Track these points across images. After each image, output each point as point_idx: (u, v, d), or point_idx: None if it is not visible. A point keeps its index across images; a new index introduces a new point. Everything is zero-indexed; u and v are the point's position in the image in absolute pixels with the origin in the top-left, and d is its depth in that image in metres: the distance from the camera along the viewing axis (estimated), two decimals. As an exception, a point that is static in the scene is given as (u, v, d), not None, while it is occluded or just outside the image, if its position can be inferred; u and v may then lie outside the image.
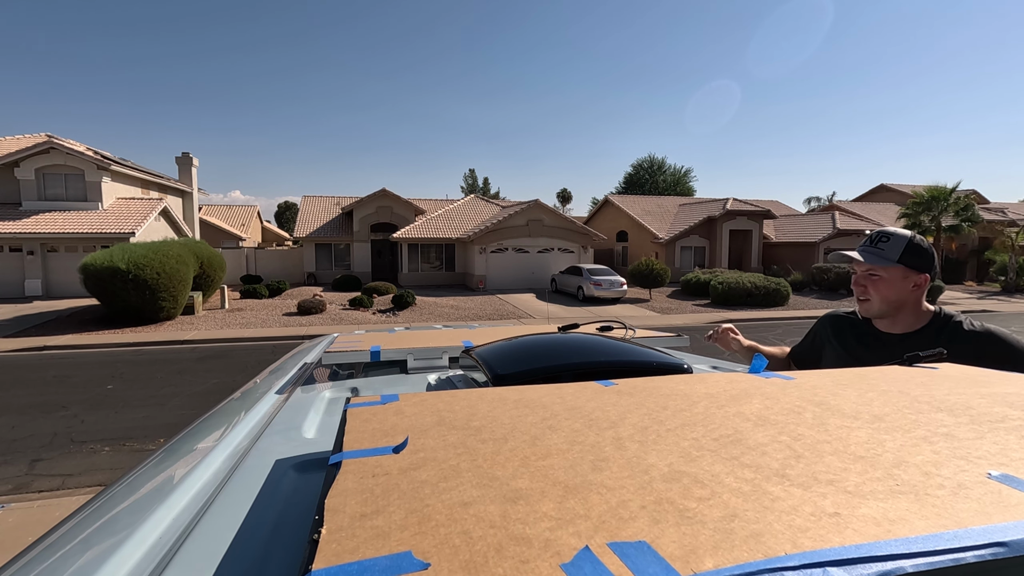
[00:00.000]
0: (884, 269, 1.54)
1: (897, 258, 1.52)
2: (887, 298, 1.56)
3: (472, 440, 0.67)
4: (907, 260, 1.52)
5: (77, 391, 7.77)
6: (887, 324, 1.61)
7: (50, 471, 4.97)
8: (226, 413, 1.34)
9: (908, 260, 1.52)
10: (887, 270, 1.54)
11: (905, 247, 1.52)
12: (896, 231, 1.57)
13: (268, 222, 47.91)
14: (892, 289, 1.55)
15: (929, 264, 1.53)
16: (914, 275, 1.53)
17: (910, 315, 1.57)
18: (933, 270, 1.55)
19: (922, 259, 1.53)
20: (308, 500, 0.73)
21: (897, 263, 1.52)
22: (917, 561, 0.39)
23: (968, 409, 0.76)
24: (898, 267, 1.52)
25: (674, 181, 53.73)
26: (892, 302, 1.56)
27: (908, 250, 1.52)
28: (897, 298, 1.55)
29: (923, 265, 1.53)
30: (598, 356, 1.28)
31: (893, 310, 1.58)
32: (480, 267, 22.91)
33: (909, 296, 1.55)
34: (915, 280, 1.53)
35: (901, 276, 1.54)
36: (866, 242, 1.60)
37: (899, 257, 1.52)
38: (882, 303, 1.57)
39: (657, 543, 0.42)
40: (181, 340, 11.83)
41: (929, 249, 1.55)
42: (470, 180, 63.33)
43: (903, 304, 1.56)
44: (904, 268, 1.52)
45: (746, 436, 0.67)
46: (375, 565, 0.39)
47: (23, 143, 19.90)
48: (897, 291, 1.55)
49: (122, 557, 0.60)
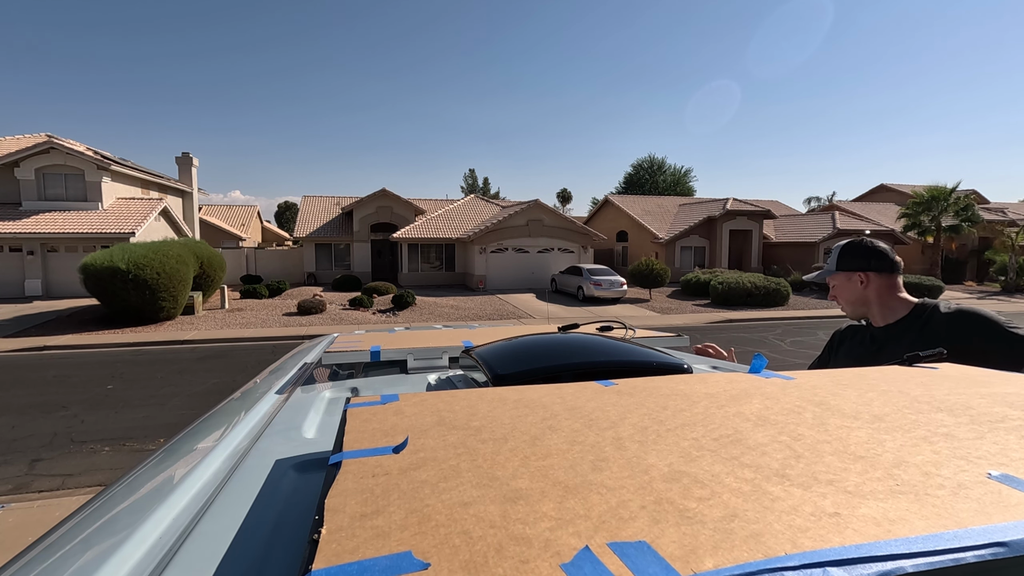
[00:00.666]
0: (832, 278, 1.76)
1: (835, 267, 1.73)
2: (848, 300, 1.74)
3: (472, 440, 0.67)
4: (842, 265, 1.71)
5: (77, 391, 7.77)
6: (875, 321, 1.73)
7: (50, 471, 4.97)
8: (226, 413, 1.34)
9: (843, 265, 1.71)
10: (834, 278, 1.76)
11: (839, 255, 1.73)
12: (837, 244, 1.77)
13: (268, 222, 47.91)
14: (845, 292, 1.74)
15: (865, 261, 1.68)
16: (855, 275, 1.69)
17: (884, 308, 1.68)
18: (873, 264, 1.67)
19: (855, 259, 1.69)
20: (308, 500, 0.73)
21: (836, 271, 1.73)
22: (917, 561, 0.39)
23: (968, 409, 0.76)
24: (838, 273, 1.73)
25: (674, 181, 53.74)
26: (853, 302, 1.73)
27: (841, 256, 1.72)
28: (855, 297, 1.72)
29: (858, 264, 1.68)
30: (598, 356, 1.28)
31: (862, 307, 1.73)
32: (480, 267, 22.91)
33: (865, 293, 1.69)
34: (858, 279, 1.69)
35: (845, 279, 1.72)
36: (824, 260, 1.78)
37: (836, 265, 1.73)
38: (846, 305, 1.76)
39: (657, 543, 0.42)
40: (181, 340, 11.83)
41: (864, 247, 1.69)
42: (470, 180, 63.34)
43: (866, 300, 1.70)
44: (843, 273, 1.72)
45: (746, 436, 0.67)
46: (375, 565, 0.40)
47: (23, 143, 19.91)
48: (849, 292, 1.72)
49: (122, 557, 0.60)
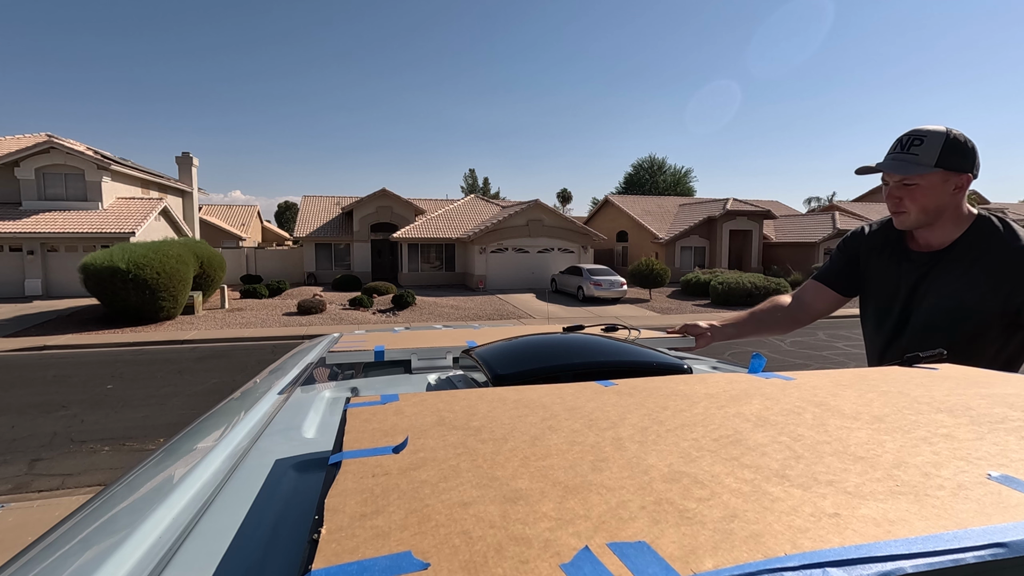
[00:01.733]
0: (921, 177, 1.38)
1: (935, 162, 1.35)
2: (926, 207, 1.41)
3: (472, 440, 0.67)
4: (946, 162, 1.35)
5: (77, 391, 7.77)
6: (924, 236, 1.49)
7: (50, 471, 4.97)
8: (226, 413, 1.34)
9: (947, 162, 1.35)
10: (924, 177, 1.38)
11: (943, 147, 1.35)
12: (930, 130, 1.38)
13: (268, 222, 47.94)
14: (931, 197, 1.39)
15: (971, 161, 1.37)
16: (955, 177, 1.37)
17: (949, 223, 1.43)
18: (976, 167, 1.38)
19: (964, 157, 1.36)
20: (308, 500, 0.73)
21: (935, 167, 1.35)
22: (917, 562, 0.39)
23: (968, 410, 0.76)
24: (937, 171, 1.36)
25: (674, 181, 53.78)
26: (931, 210, 1.41)
27: (946, 149, 1.35)
28: (937, 205, 1.40)
29: (965, 164, 1.36)
30: (598, 356, 1.28)
31: (933, 218, 1.43)
32: (480, 267, 22.91)
33: (950, 201, 1.40)
34: (956, 182, 1.37)
35: (941, 181, 1.37)
36: (896, 147, 1.43)
37: (936, 160, 1.35)
38: (920, 213, 1.42)
39: (657, 543, 0.42)
40: (181, 340, 11.83)
41: (969, 143, 1.37)
42: (470, 180, 63.36)
43: (943, 210, 1.41)
44: (943, 171, 1.36)
45: (746, 437, 0.67)
46: (375, 565, 0.40)
47: (23, 143, 19.91)
48: (936, 198, 1.39)
49: (122, 557, 0.60)
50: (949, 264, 1.43)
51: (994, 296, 1.36)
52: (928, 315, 1.46)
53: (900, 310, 1.53)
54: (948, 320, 1.42)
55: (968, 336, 1.40)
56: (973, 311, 1.39)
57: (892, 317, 1.56)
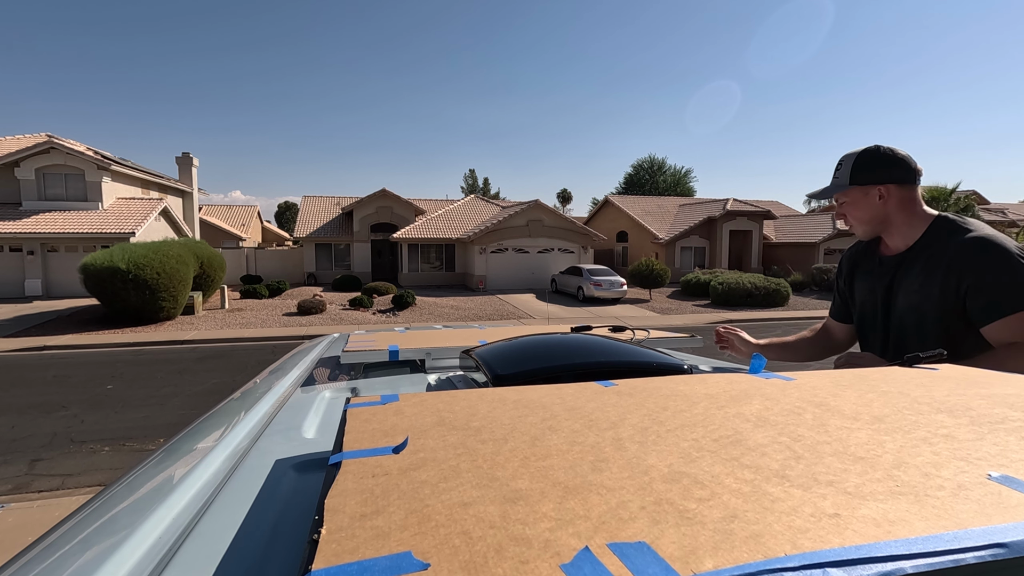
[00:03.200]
0: (844, 194, 1.54)
1: (848, 180, 1.50)
2: (861, 219, 1.54)
3: (472, 440, 0.67)
4: (857, 179, 1.49)
5: (77, 391, 7.78)
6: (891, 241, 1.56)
7: (50, 471, 4.97)
8: (226, 413, 1.34)
9: (858, 178, 1.49)
10: (847, 194, 1.53)
11: (852, 167, 1.49)
12: (848, 153, 1.53)
13: (268, 222, 47.95)
14: (860, 209, 1.52)
15: (885, 171, 1.47)
16: (872, 188, 1.48)
17: (904, 227, 1.51)
18: (897, 174, 1.47)
19: (874, 170, 1.47)
20: (308, 500, 0.73)
21: (850, 185, 1.50)
22: (917, 562, 0.39)
23: (968, 410, 0.76)
24: (853, 188, 1.51)
25: (674, 181, 53.79)
26: (868, 220, 1.53)
27: (855, 168, 1.49)
28: (871, 216, 1.52)
29: (876, 177, 1.47)
30: (598, 356, 1.28)
31: (879, 226, 1.54)
32: (480, 267, 22.92)
33: (884, 210, 1.50)
34: (878, 192, 1.48)
35: (861, 194, 1.51)
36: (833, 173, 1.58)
37: (849, 179, 1.50)
38: (861, 224, 1.55)
39: (657, 544, 0.42)
40: (181, 340, 11.83)
41: (884, 154, 1.47)
42: (470, 180, 63.37)
43: (884, 218, 1.52)
44: (859, 187, 1.50)
45: (746, 437, 0.67)
46: (375, 565, 0.40)
47: (23, 143, 19.92)
48: (865, 209, 1.52)
49: (122, 557, 0.60)
50: (911, 264, 1.48)
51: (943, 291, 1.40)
52: (902, 316, 1.51)
53: (882, 315, 1.58)
54: (918, 318, 1.47)
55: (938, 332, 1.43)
56: (933, 307, 1.43)
57: (877, 321, 1.60)
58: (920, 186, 1.51)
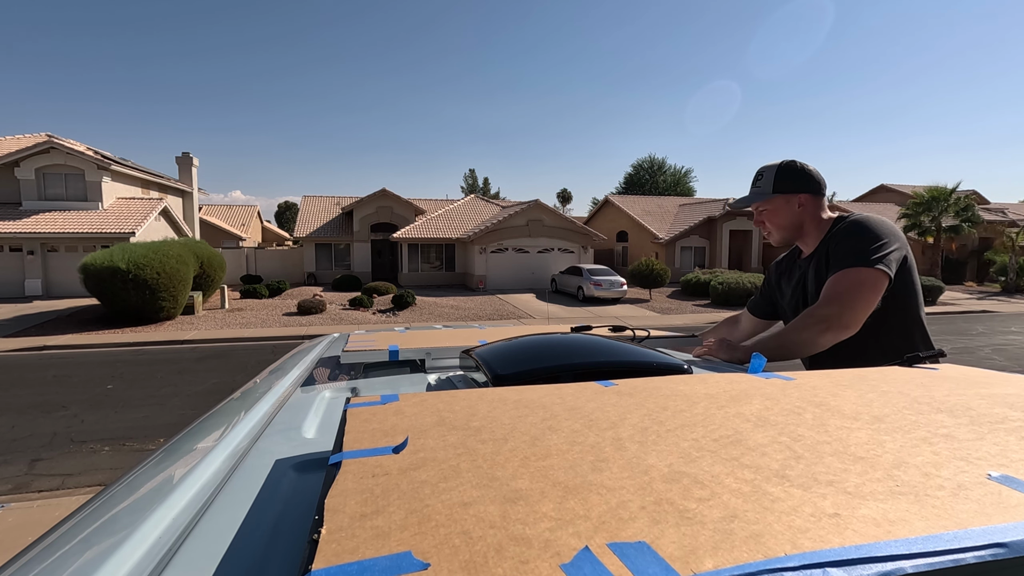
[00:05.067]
0: (767, 202, 1.70)
1: (772, 189, 1.67)
2: (780, 225, 1.70)
3: (472, 440, 0.67)
4: (780, 187, 1.66)
5: (77, 391, 7.78)
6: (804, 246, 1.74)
7: (50, 471, 4.97)
8: (226, 413, 1.34)
9: (781, 187, 1.66)
10: (769, 202, 1.69)
11: (775, 177, 1.66)
12: (768, 165, 1.70)
13: (268, 222, 47.93)
14: (780, 216, 1.69)
15: (804, 182, 1.65)
16: (793, 197, 1.66)
17: (814, 231, 1.68)
18: (813, 185, 1.65)
19: (795, 181, 1.65)
20: (308, 500, 0.73)
21: (774, 193, 1.66)
22: (917, 562, 0.39)
23: (968, 410, 0.76)
24: (776, 196, 1.67)
25: (674, 181, 53.78)
26: (786, 226, 1.70)
27: (778, 178, 1.66)
28: (789, 222, 1.69)
29: (798, 185, 1.65)
30: (598, 356, 1.28)
31: (795, 233, 1.71)
32: (480, 267, 22.92)
33: (799, 217, 1.68)
34: (797, 200, 1.66)
35: (783, 202, 1.67)
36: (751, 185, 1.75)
37: (773, 188, 1.66)
38: (779, 230, 1.72)
39: (657, 543, 0.42)
40: (181, 340, 11.83)
41: (803, 169, 1.65)
42: (470, 180, 63.37)
43: (799, 225, 1.69)
44: (782, 195, 1.66)
45: (746, 437, 0.67)
46: (375, 565, 0.40)
47: (23, 143, 19.92)
48: (785, 216, 1.68)
49: (122, 557, 0.60)
50: (816, 262, 1.64)
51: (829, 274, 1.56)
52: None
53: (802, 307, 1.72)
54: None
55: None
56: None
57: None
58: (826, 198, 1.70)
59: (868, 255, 1.47)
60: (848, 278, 1.48)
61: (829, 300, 1.48)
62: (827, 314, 1.46)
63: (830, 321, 1.45)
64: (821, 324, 1.46)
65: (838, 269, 1.50)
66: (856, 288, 1.46)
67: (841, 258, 1.52)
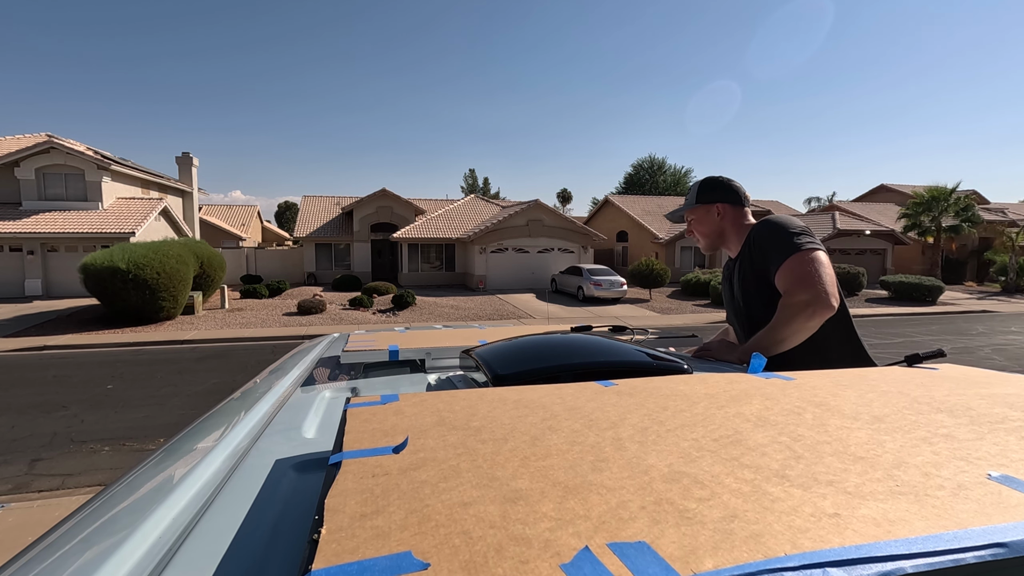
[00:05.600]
0: (691, 212, 1.89)
1: (695, 200, 1.86)
2: (704, 232, 1.88)
3: (472, 440, 0.67)
4: (702, 198, 1.85)
5: (77, 391, 7.77)
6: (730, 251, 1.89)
7: (50, 471, 4.97)
8: (226, 413, 1.34)
9: (703, 198, 1.85)
10: (693, 212, 1.89)
11: (698, 189, 1.86)
12: (696, 181, 1.91)
13: (268, 222, 47.91)
14: (703, 224, 1.87)
15: (722, 193, 1.83)
16: (713, 207, 1.84)
17: (735, 237, 1.84)
18: (731, 196, 1.83)
19: (713, 191, 1.84)
20: (308, 500, 0.73)
21: (696, 204, 1.86)
22: (917, 562, 0.39)
23: (968, 410, 0.76)
24: (698, 207, 1.86)
25: (674, 181, 53.75)
26: (710, 234, 1.87)
27: (700, 190, 1.85)
28: (711, 230, 1.86)
29: (716, 196, 1.83)
30: (598, 356, 1.28)
31: (718, 240, 1.88)
32: (480, 267, 22.91)
33: (720, 224, 1.85)
34: (716, 210, 1.84)
35: (704, 212, 1.86)
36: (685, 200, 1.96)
37: (696, 199, 1.85)
38: (705, 237, 1.89)
39: (657, 543, 0.42)
40: (181, 340, 11.83)
41: (720, 181, 1.85)
42: (470, 180, 63.36)
43: (721, 232, 1.86)
44: (703, 205, 1.85)
45: (746, 437, 0.67)
46: (375, 565, 0.40)
47: (23, 143, 19.91)
48: (707, 224, 1.86)
49: (122, 557, 0.60)
50: (740, 264, 1.79)
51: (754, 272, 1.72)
52: (742, 301, 1.80)
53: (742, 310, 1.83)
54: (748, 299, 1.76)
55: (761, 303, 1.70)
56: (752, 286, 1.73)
57: (738, 313, 1.86)
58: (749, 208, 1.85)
59: (797, 243, 1.59)
60: (798, 263, 1.56)
61: (796, 287, 1.55)
62: (804, 299, 1.52)
63: (811, 303, 1.51)
64: (806, 309, 1.51)
65: (777, 265, 1.60)
66: (812, 267, 1.55)
67: (774, 255, 1.62)
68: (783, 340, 1.55)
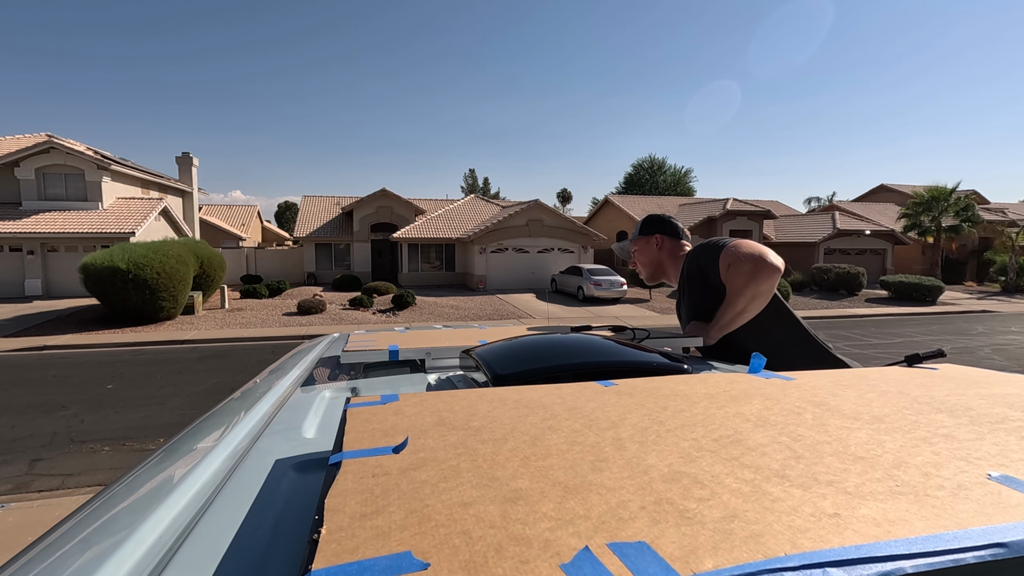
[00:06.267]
0: (635, 243, 2.10)
1: (638, 233, 2.08)
2: (645, 263, 2.08)
3: (472, 440, 0.67)
4: (643, 231, 2.06)
5: (77, 391, 7.77)
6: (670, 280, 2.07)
7: (50, 471, 4.97)
8: (226, 413, 1.34)
9: (643, 231, 2.06)
10: (636, 243, 2.10)
11: (640, 226, 2.08)
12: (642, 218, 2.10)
13: (268, 222, 47.90)
14: (644, 253, 2.08)
15: (660, 226, 2.04)
16: (652, 238, 2.04)
17: (672, 265, 2.02)
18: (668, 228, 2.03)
19: (654, 226, 2.05)
20: (308, 500, 0.73)
21: (639, 235, 2.07)
22: (917, 562, 0.39)
23: (968, 410, 0.76)
24: (639, 238, 2.08)
25: (674, 181, 53.72)
26: (650, 263, 2.07)
27: (643, 225, 2.08)
28: (651, 259, 2.06)
29: (655, 229, 2.04)
30: (598, 356, 1.28)
31: (658, 269, 2.07)
32: (480, 267, 22.90)
33: (658, 255, 2.04)
34: (654, 241, 2.04)
35: (644, 243, 2.07)
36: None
37: (639, 232, 2.07)
38: (645, 267, 2.09)
39: (657, 543, 0.42)
40: (181, 340, 11.83)
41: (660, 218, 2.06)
42: (470, 180, 63.36)
43: (660, 262, 2.05)
44: (643, 237, 2.06)
45: (746, 437, 0.67)
46: (375, 565, 0.40)
47: (23, 143, 19.91)
48: (648, 253, 2.06)
49: (122, 557, 0.60)
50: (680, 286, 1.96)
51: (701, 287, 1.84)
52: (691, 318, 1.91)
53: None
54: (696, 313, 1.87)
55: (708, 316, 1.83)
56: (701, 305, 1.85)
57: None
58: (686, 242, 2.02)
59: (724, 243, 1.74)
60: (730, 250, 1.68)
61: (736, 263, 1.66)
62: (747, 268, 1.62)
63: (754, 269, 1.61)
64: (753, 275, 1.62)
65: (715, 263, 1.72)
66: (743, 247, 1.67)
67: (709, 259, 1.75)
68: (742, 311, 1.67)
